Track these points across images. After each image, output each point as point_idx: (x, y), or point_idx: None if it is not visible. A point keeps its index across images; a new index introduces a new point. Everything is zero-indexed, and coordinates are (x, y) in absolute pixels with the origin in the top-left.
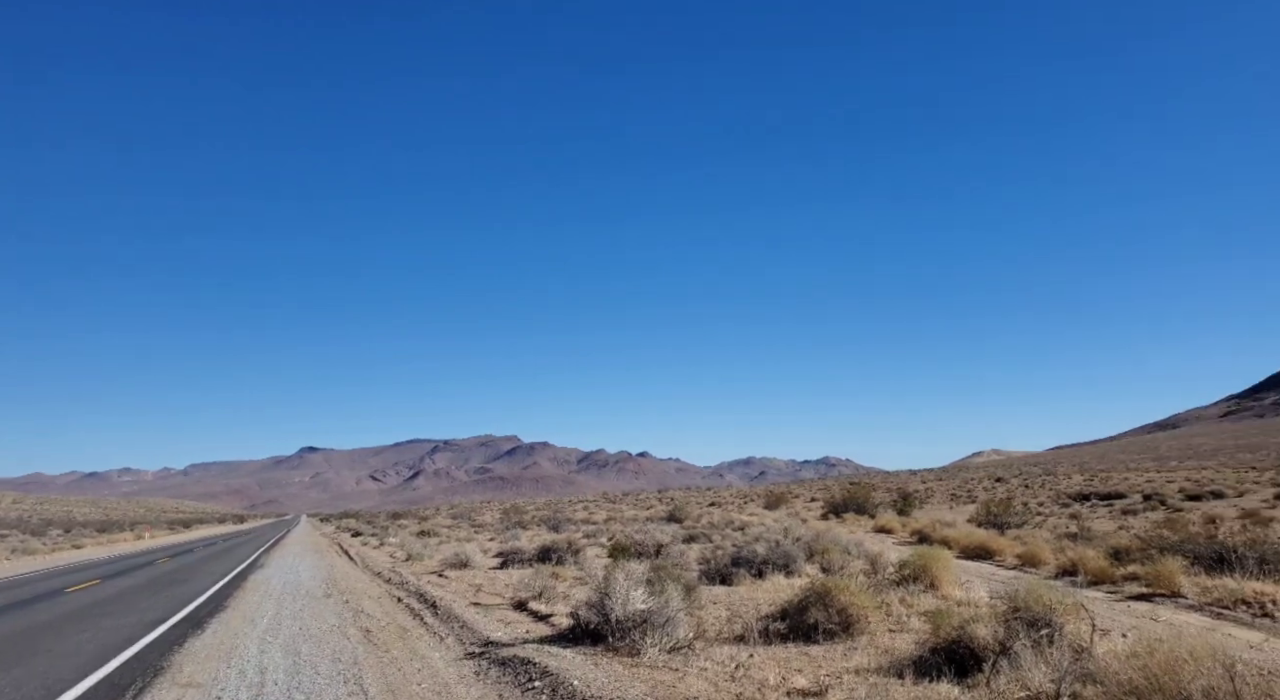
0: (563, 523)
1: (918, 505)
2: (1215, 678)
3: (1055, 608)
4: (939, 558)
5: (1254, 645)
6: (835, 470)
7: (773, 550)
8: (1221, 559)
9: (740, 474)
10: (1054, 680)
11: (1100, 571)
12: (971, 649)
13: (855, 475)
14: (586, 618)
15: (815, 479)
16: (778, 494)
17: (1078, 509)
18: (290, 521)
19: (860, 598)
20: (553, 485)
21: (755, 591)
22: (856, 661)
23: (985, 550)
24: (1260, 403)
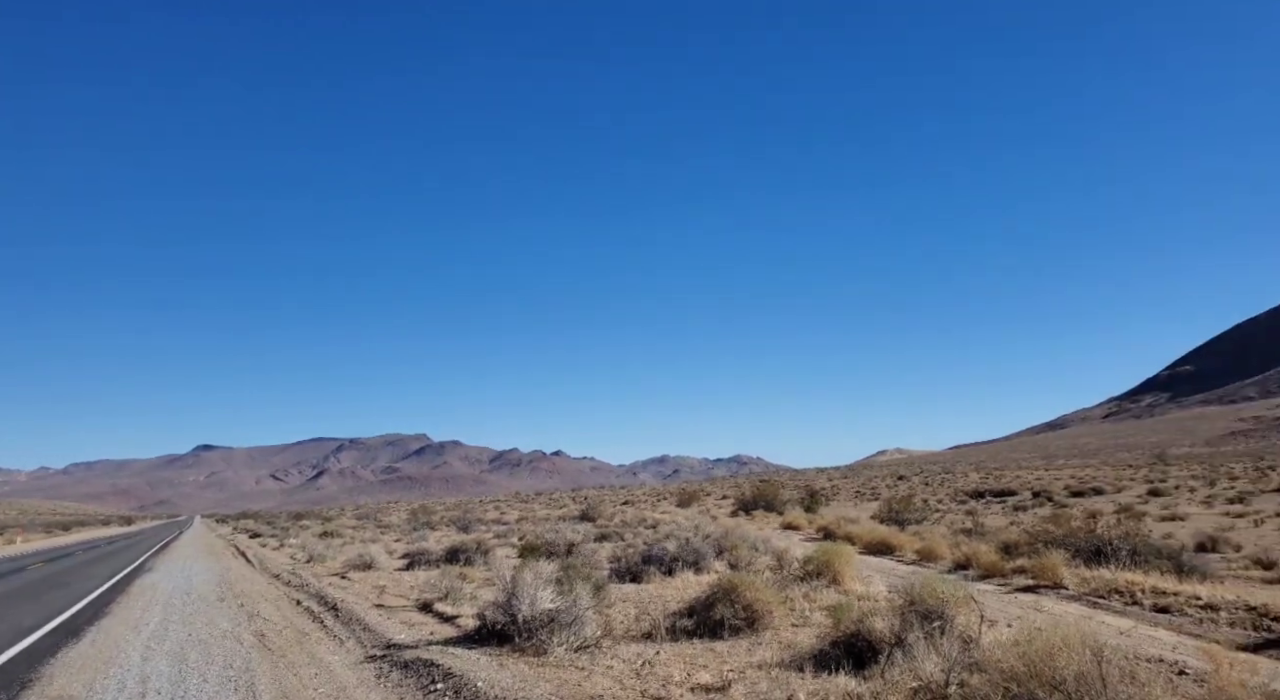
0: (473, 523)
1: (824, 502)
2: (1086, 663)
3: (947, 601)
4: (842, 553)
5: (1123, 631)
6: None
7: (683, 548)
8: (1099, 552)
9: (654, 472)
10: (944, 670)
11: (992, 565)
12: (869, 641)
13: (765, 473)
14: (493, 618)
15: (727, 477)
16: (690, 492)
17: (974, 506)
18: (183, 523)
19: (765, 593)
20: (464, 485)
21: (665, 589)
22: (760, 656)
23: (887, 546)
24: (1138, 404)
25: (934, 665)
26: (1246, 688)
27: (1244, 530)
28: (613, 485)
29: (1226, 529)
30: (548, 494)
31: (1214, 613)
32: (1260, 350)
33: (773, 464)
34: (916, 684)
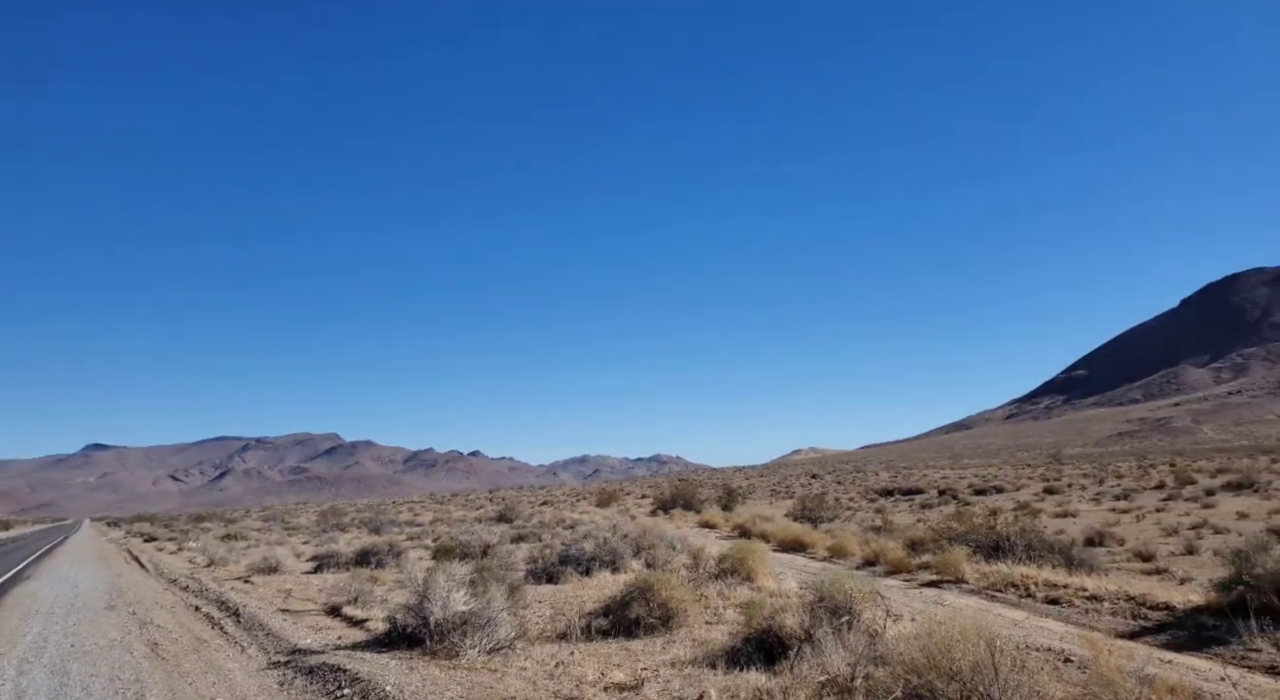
0: (385, 525)
1: (741, 501)
2: (980, 654)
3: (855, 596)
4: (756, 551)
5: (1017, 622)
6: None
7: (600, 548)
8: (998, 547)
9: (574, 472)
10: (850, 664)
11: (898, 561)
12: (780, 637)
13: (685, 472)
14: (404, 621)
15: (647, 476)
16: (610, 492)
17: (883, 504)
18: (70, 526)
19: (681, 592)
20: (376, 486)
21: (582, 589)
22: (674, 654)
23: (800, 543)
24: (1036, 406)
25: (841, 659)
26: (1123, 672)
27: (1128, 525)
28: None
29: (1112, 524)
30: (464, 495)
31: (1098, 603)
32: (1145, 356)
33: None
34: (824, 678)
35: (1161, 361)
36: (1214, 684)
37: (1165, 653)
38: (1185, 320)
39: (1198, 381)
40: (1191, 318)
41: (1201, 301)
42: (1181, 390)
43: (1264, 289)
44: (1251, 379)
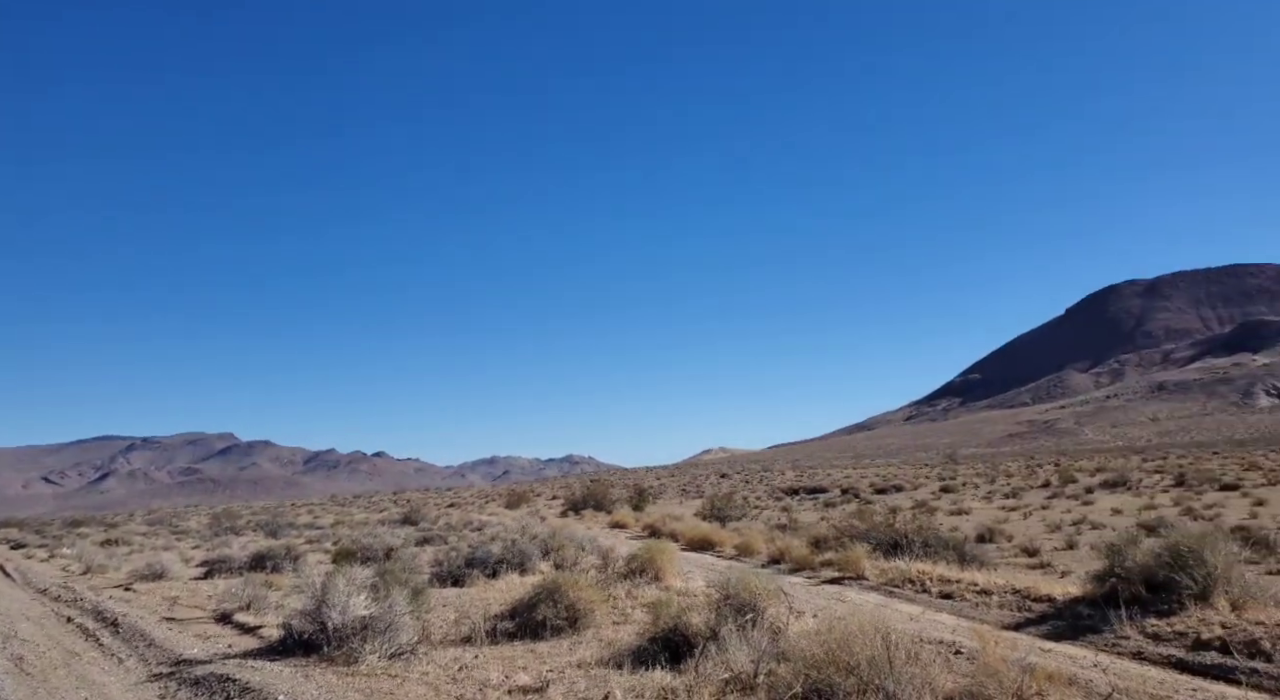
0: (283, 528)
1: (652, 501)
2: (876, 648)
3: (759, 594)
4: (665, 550)
5: (913, 617)
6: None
7: (508, 549)
8: (896, 544)
9: (483, 473)
10: (753, 661)
11: (803, 559)
12: (686, 636)
13: (597, 473)
14: (300, 627)
15: (559, 477)
16: (519, 493)
17: (789, 502)
18: None
19: (588, 592)
20: (274, 488)
21: (488, 591)
22: (580, 655)
23: (708, 542)
24: (934, 408)
25: (745, 656)
26: (1007, 662)
27: (1016, 522)
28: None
29: (1002, 521)
30: (368, 497)
31: (988, 597)
32: (1034, 361)
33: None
34: (728, 675)
35: (1048, 367)
36: (1087, 670)
37: (1046, 642)
38: (1070, 328)
39: (1080, 386)
40: (1075, 326)
41: (1084, 310)
42: (1066, 394)
43: (1138, 300)
44: (1127, 384)
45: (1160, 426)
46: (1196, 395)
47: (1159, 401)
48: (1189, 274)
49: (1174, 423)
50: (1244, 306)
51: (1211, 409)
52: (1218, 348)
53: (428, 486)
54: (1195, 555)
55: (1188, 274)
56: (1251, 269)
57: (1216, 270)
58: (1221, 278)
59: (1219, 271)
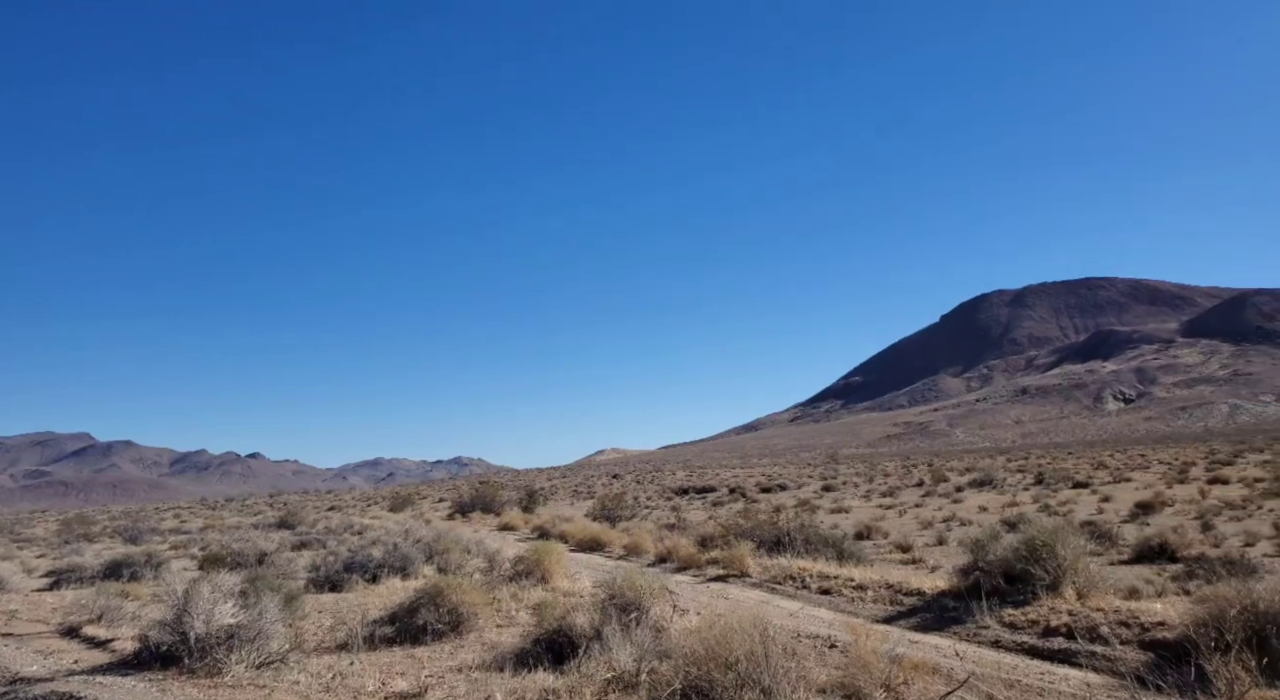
0: (145, 533)
1: (543, 502)
2: (754, 643)
3: (644, 592)
4: (552, 551)
5: (793, 613)
6: (467, 470)
7: (390, 553)
8: (779, 542)
9: (367, 476)
10: (636, 659)
11: (689, 557)
12: (570, 637)
13: (487, 475)
14: (159, 639)
15: (446, 479)
16: (404, 495)
17: (679, 502)
18: None
19: (472, 595)
20: (137, 491)
21: (368, 596)
22: (462, 659)
23: (598, 542)
24: (818, 410)
25: (628, 655)
26: (877, 654)
27: (892, 520)
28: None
29: (879, 519)
30: (241, 500)
31: (864, 592)
32: (911, 366)
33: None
34: (610, 674)
35: (924, 371)
36: (949, 659)
37: (915, 634)
38: (943, 334)
39: (952, 389)
40: (948, 332)
41: (956, 318)
42: (940, 397)
43: (1005, 308)
44: (994, 388)
45: (1023, 428)
46: (1055, 399)
47: (1022, 405)
48: (1050, 285)
49: (1035, 425)
50: (1097, 317)
51: (1068, 412)
52: (1074, 355)
53: (307, 489)
54: (1048, 549)
55: (1049, 285)
56: (1104, 282)
57: (1074, 282)
58: (1078, 289)
59: (1076, 283)
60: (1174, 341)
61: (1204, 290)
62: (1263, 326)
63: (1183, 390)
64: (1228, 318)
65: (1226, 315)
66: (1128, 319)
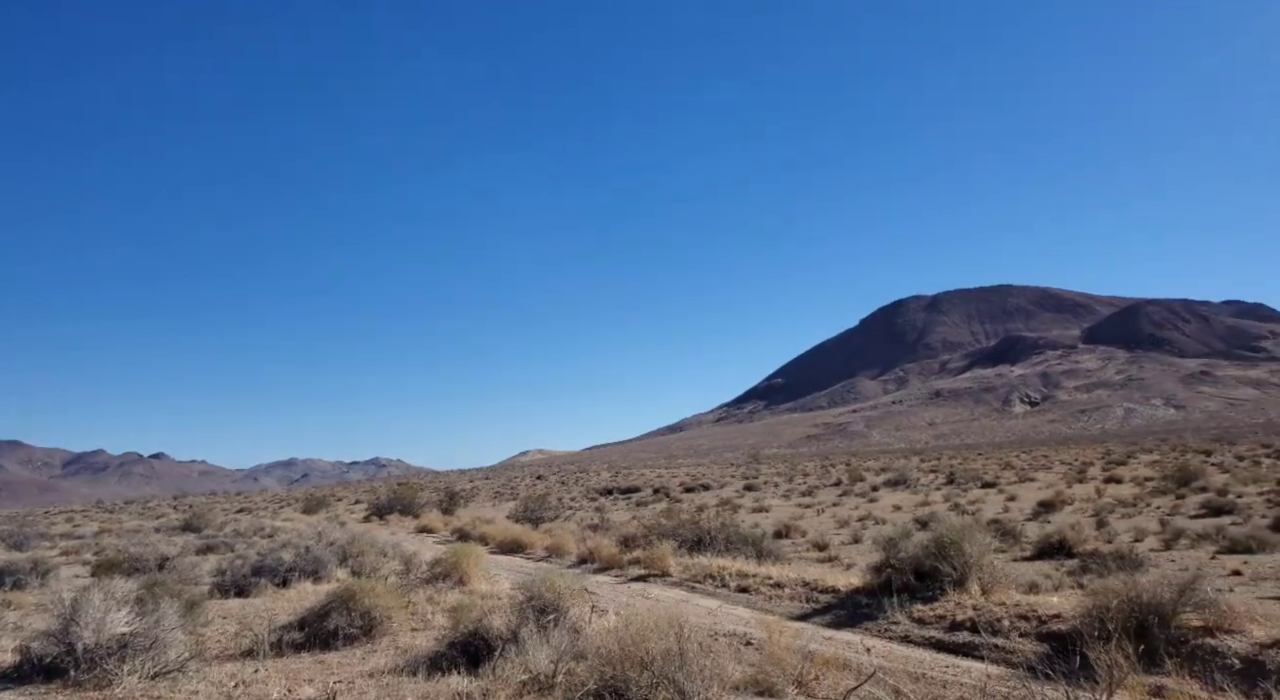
0: (32, 539)
1: (463, 504)
2: (670, 642)
3: (563, 594)
4: (472, 554)
5: (711, 611)
6: (385, 471)
7: (302, 556)
8: (701, 541)
9: (279, 477)
10: (553, 661)
11: (611, 558)
12: (486, 640)
13: (406, 476)
14: (43, 650)
15: (364, 480)
16: (319, 497)
17: (603, 502)
18: None
19: (386, 599)
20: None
21: (277, 601)
22: (373, 664)
23: (519, 544)
24: (742, 411)
25: (545, 657)
26: (790, 651)
27: (810, 519)
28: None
29: (798, 518)
30: (142, 502)
31: (781, 589)
32: (831, 368)
33: (414, 466)
34: (526, 677)
35: (843, 373)
36: (859, 655)
37: (828, 630)
38: (862, 338)
39: (870, 391)
40: (867, 336)
41: (875, 322)
42: (858, 399)
43: (921, 314)
44: (909, 390)
45: (936, 430)
46: (966, 402)
47: (936, 407)
48: (963, 292)
49: (948, 426)
50: (1006, 323)
51: (978, 414)
52: (984, 359)
53: (215, 491)
54: (955, 546)
55: (962, 292)
56: (1013, 290)
57: (986, 289)
58: (989, 296)
59: (987, 290)
60: (1076, 348)
61: (1103, 299)
62: (1154, 334)
63: (1083, 394)
64: (1123, 326)
65: (1122, 323)
66: (1034, 325)
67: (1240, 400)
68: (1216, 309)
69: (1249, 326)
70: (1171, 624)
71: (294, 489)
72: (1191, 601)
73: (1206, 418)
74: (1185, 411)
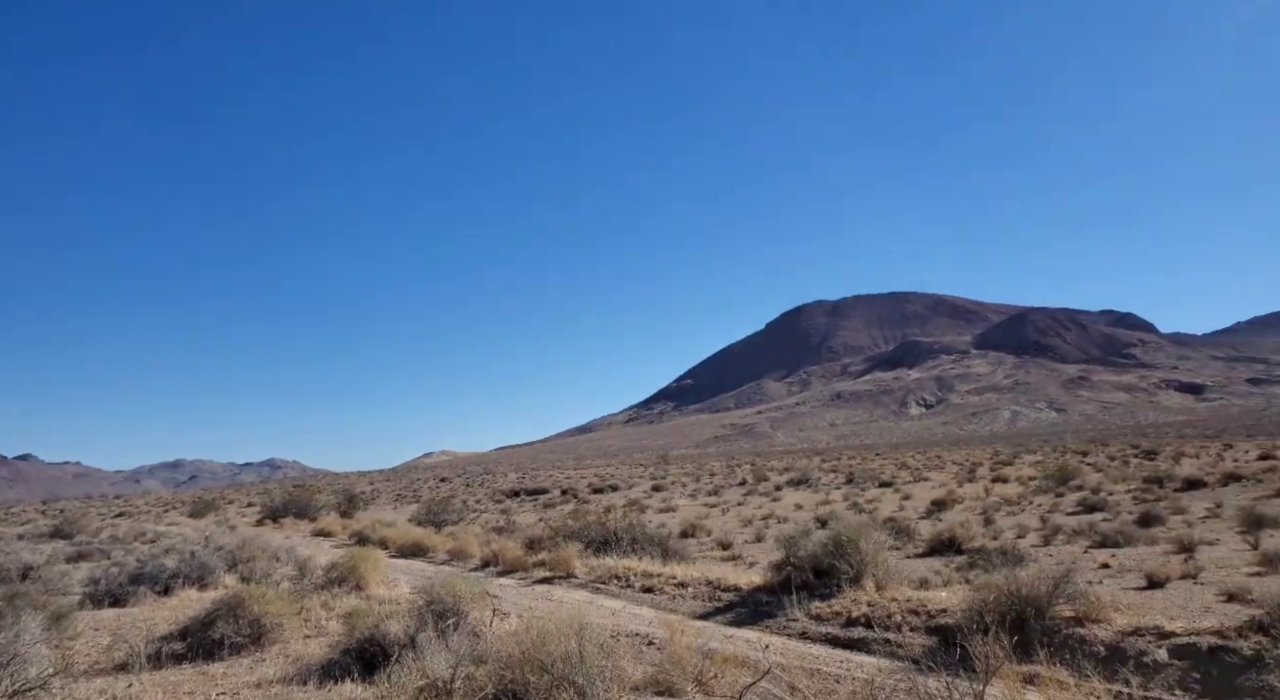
0: None
1: (363, 507)
2: (570, 644)
3: (464, 597)
4: (369, 558)
5: (615, 612)
6: (281, 473)
7: (186, 562)
8: (607, 542)
9: (164, 479)
10: (452, 665)
11: (516, 560)
12: (382, 646)
13: (303, 478)
14: None
15: (257, 482)
16: (208, 500)
17: (509, 504)
18: None
19: (277, 605)
20: None
21: (157, 610)
22: (261, 673)
23: (421, 547)
24: (651, 412)
25: (443, 662)
26: (691, 650)
27: (716, 518)
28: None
29: (704, 517)
30: (4, 507)
31: (684, 589)
32: (738, 370)
33: (311, 468)
34: (423, 682)
35: (750, 375)
36: (757, 652)
37: (730, 629)
38: (768, 341)
39: (775, 393)
40: (773, 339)
41: (780, 326)
42: (763, 400)
43: (824, 318)
44: (812, 392)
45: (838, 430)
46: (866, 404)
47: (837, 408)
48: (865, 298)
49: (848, 427)
50: (903, 329)
51: (877, 416)
52: (883, 363)
53: (91, 494)
54: (852, 544)
55: (864, 298)
56: (909, 297)
57: (884, 296)
58: (888, 302)
59: (886, 297)
60: (968, 353)
61: (993, 307)
62: (1039, 341)
63: (974, 397)
64: (1011, 333)
65: (1011, 330)
66: (930, 331)
67: (1113, 404)
68: (1094, 318)
69: (1122, 335)
70: (1047, 616)
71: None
72: (1065, 594)
73: (1084, 420)
74: (1066, 414)
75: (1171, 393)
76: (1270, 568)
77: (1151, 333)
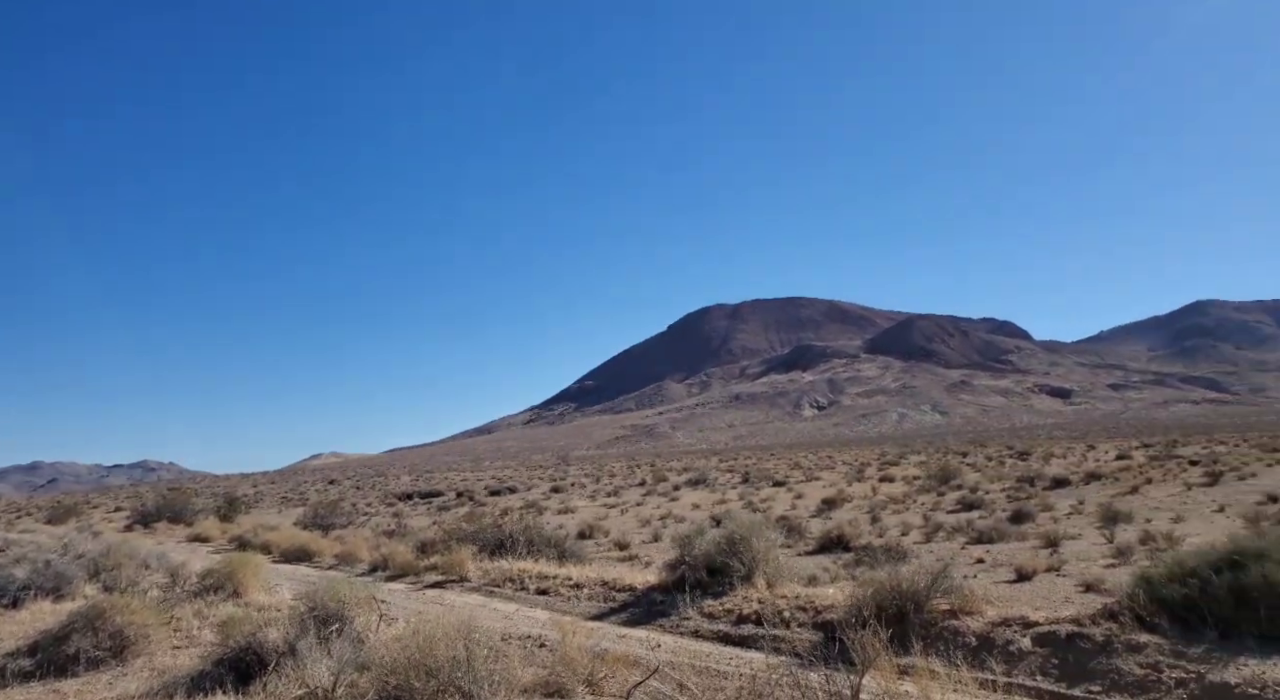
0: None
1: (245, 510)
2: (458, 648)
3: (349, 603)
4: (249, 563)
5: (508, 615)
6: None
7: (40, 572)
8: (502, 544)
9: (18, 482)
10: (334, 672)
11: (407, 564)
12: (260, 655)
13: (179, 480)
14: None
15: (127, 485)
16: (69, 505)
17: (401, 507)
18: None
19: (144, 615)
20: None
21: (3, 625)
22: (122, 689)
23: (307, 552)
24: (552, 412)
25: (324, 669)
26: (583, 651)
27: (614, 519)
28: None
29: (603, 518)
30: None
31: (580, 590)
32: (639, 371)
33: (189, 470)
34: (303, 691)
35: (651, 376)
36: (650, 651)
37: (623, 628)
38: (669, 343)
39: (675, 394)
40: (674, 341)
41: (682, 328)
42: (664, 401)
43: (724, 321)
44: (712, 393)
45: (735, 431)
46: (762, 405)
47: (735, 410)
48: (762, 302)
49: (746, 428)
50: (799, 332)
51: (772, 417)
52: (779, 366)
53: None
54: (744, 543)
55: (761, 302)
56: (805, 302)
57: (781, 300)
58: (785, 307)
59: (783, 301)
60: (859, 357)
61: (883, 313)
62: (924, 346)
63: (864, 400)
64: (899, 338)
65: (898, 336)
66: (824, 335)
67: (992, 407)
68: (975, 325)
69: (1000, 341)
70: (925, 609)
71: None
72: (942, 588)
73: (965, 422)
74: (949, 417)
75: (1043, 397)
76: (1123, 559)
77: (1027, 340)
